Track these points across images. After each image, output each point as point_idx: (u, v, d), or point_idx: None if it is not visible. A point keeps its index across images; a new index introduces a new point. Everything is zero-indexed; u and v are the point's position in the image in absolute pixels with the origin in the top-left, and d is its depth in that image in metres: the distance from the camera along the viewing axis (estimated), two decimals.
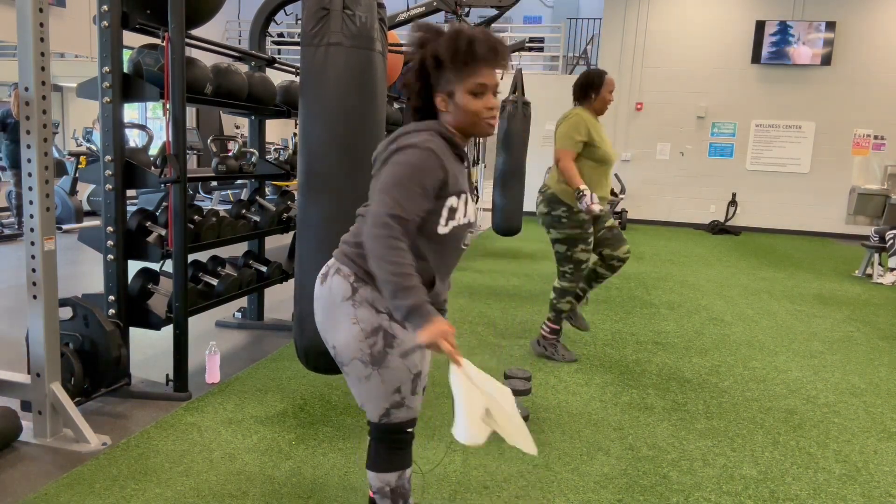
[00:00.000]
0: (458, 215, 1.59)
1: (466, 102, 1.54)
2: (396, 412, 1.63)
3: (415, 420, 1.68)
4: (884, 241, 6.72)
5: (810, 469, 2.53)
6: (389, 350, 1.58)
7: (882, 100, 10.29)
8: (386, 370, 1.58)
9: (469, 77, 1.52)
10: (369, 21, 2.41)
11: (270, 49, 11.46)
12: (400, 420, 1.64)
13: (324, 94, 2.41)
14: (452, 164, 1.56)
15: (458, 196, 1.58)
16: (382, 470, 1.66)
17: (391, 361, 1.58)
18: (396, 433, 1.65)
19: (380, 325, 1.57)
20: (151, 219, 3.01)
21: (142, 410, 2.79)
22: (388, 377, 1.59)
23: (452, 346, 1.44)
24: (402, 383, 1.61)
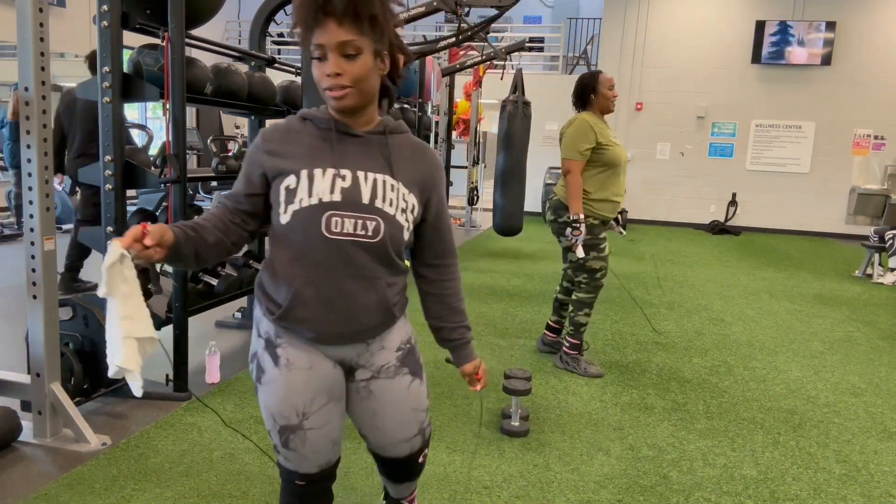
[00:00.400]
0: (299, 196, 1.28)
1: (312, 72, 1.28)
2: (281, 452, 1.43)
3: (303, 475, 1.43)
4: (884, 241, 6.72)
5: (810, 469, 2.53)
6: (258, 384, 1.41)
7: (882, 100, 10.29)
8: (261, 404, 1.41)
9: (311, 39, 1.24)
10: None
11: (270, 49, 11.47)
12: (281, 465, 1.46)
13: None
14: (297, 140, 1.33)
15: (298, 174, 1.29)
16: None
17: (260, 396, 1.41)
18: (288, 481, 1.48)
19: (256, 352, 1.42)
20: (151, 219, 3.01)
21: (142, 410, 2.79)
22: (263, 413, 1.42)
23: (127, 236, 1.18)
24: (271, 427, 1.41)
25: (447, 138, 7.34)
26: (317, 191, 1.28)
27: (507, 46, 7.19)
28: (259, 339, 1.40)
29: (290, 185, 1.28)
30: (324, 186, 1.28)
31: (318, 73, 1.27)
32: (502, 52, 6.81)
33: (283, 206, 1.28)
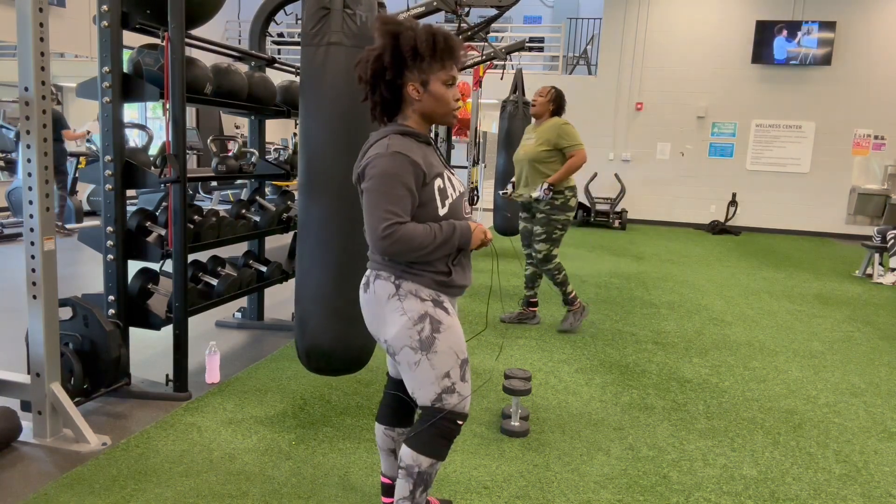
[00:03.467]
0: (448, 192, 1.71)
1: (442, 91, 1.69)
2: (448, 398, 1.70)
3: (466, 416, 1.74)
4: (884, 241, 6.71)
5: (810, 469, 2.53)
6: (437, 335, 1.67)
7: (882, 100, 10.29)
8: (434, 354, 1.67)
9: (444, 69, 1.67)
10: (370, 20, 2.41)
11: (270, 49, 11.47)
12: (452, 407, 1.70)
13: (324, 93, 2.41)
14: (421, 152, 1.67)
15: (440, 177, 1.70)
16: (421, 451, 1.72)
17: (438, 345, 1.67)
18: (447, 421, 1.71)
19: (426, 312, 1.68)
20: (151, 219, 3.01)
21: (142, 410, 2.79)
22: (437, 361, 1.68)
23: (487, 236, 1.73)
24: (451, 368, 1.69)
25: (447, 138, 7.34)
26: (454, 186, 1.75)
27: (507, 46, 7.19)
28: (424, 302, 1.69)
29: (440, 185, 1.69)
30: (454, 183, 1.76)
31: (450, 95, 1.71)
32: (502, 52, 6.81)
33: (440, 201, 1.69)
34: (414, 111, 1.71)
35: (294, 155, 4.02)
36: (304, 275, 2.52)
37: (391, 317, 1.69)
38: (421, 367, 1.67)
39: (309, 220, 2.50)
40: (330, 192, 2.46)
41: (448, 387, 1.70)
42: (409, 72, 1.66)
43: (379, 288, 1.71)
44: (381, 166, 1.61)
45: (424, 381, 1.69)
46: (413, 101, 1.69)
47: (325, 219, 2.47)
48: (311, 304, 2.52)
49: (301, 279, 2.54)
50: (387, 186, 1.60)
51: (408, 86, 1.67)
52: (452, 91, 1.71)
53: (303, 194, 2.51)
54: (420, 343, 1.67)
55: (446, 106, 1.71)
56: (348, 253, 2.50)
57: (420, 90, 1.68)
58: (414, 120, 1.72)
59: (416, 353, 1.67)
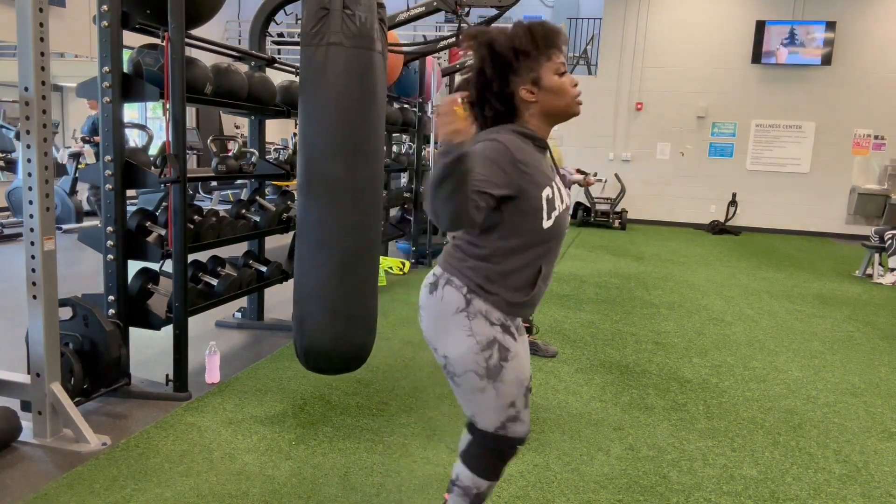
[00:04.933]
0: (556, 204, 1.57)
1: (557, 83, 1.55)
2: (513, 426, 1.61)
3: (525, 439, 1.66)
4: (884, 241, 6.71)
5: (810, 469, 2.53)
6: (504, 364, 1.56)
7: (882, 100, 10.29)
8: (501, 384, 1.56)
9: (552, 59, 1.54)
10: (369, 21, 2.41)
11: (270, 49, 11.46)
12: (515, 434, 1.62)
13: (324, 94, 2.41)
14: (531, 155, 1.53)
15: (549, 185, 1.55)
16: (482, 475, 1.66)
17: (506, 375, 1.56)
18: (509, 447, 1.64)
19: (494, 338, 1.55)
20: (151, 219, 3.01)
21: (142, 410, 2.79)
22: (504, 391, 1.57)
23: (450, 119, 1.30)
24: (517, 397, 1.60)
25: None
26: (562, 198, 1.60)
27: None
28: (493, 327, 1.56)
29: (548, 195, 1.54)
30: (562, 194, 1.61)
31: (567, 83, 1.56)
32: None
33: (547, 213, 1.53)
34: (532, 115, 1.57)
35: (294, 155, 4.02)
36: (303, 274, 2.52)
37: (456, 334, 1.56)
38: (486, 394, 1.57)
39: (308, 219, 2.50)
40: (329, 193, 2.46)
41: (513, 416, 1.60)
42: (516, 76, 1.54)
43: (448, 296, 1.57)
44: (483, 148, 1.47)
45: (488, 409, 1.59)
46: (529, 105, 1.56)
47: (323, 219, 2.47)
48: (309, 303, 2.52)
49: (300, 279, 2.54)
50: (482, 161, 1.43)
51: (519, 91, 1.54)
52: (568, 78, 1.57)
53: (302, 194, 2.51)
54: (487, 371, 1.55)
55: (566, 96, 1.56)
56: (347, 253, 2.50)
57: (534, 90, 1.54)
58: (534, 124, 1.58)
59: (481, 380, 1.56)
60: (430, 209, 1.37)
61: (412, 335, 4.00)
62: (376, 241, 2.65)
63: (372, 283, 2.64)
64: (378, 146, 2.56)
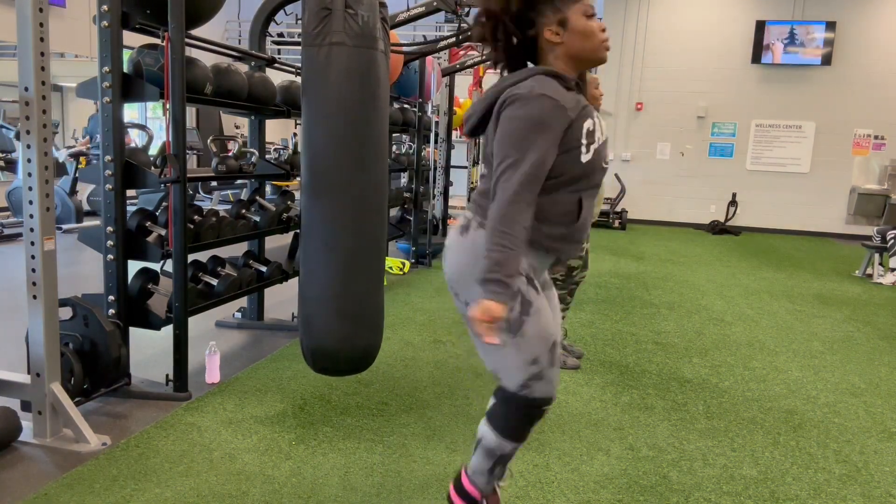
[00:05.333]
0: (596, 135, 1.50)
1: (586, 25, 1.48)
2: (536, 384, 1.53)
3: (552, 399, 1.58)
4: (885, 241, 6.71)
5: (810, 469, 2.53)
6: (525, 317, 1.49)
7: (882, 100, 10.29)
8: (522, 339, 1.50)
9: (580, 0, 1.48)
10: (371, 20, 2.41)
11: (270, 49, 11.45)
12: (540, 395, 1.55)
13: (326, 93, 2.41)
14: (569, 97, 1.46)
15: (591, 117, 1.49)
16: (505, 436, 1.60)
17: (528, 329, 1.50)
18: (534, 408, 1.57)
19: (518, 290, 1.48)
20: (151, 219, 3.01)
21: (142, 410, 2.79)
22: (525, 346, 1.50)
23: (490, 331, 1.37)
24: (540, 354, 1.52)
25: (447, 138, 7.33)
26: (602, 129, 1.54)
27: None
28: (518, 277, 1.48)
29: (590, 127, 1.48)
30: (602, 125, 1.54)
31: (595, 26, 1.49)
32: None
33: (586, 146, 1.47)
34: (557, 57, 1.49)
35: (294, 155, 4.02)
36: (309, 275, 2.52)
37: None
38: (507, 349, 1.50)
39: (312, 220, 2.50)
40: (333, 192, 2.46)
41: (536, 373, 1.52)
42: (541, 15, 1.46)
43: (480, 239, 1.48)
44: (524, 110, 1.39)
45: (510, 366, 1.52)
46: (554, 47, 1.48)
47: (328, 219, 2.47)
48: (315, 304, 2.52)
49: (305, 279, 2.54)
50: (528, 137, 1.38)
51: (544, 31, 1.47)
52: (596, 22, 1.50)
53: (306, 195, 2.51)
54: (508, 324, 1.47)
55: (595, 39, 1.49)
56: (353, 253, 2.49)
57: (560, 31, 1.47)
58: (560, 65, 1.50)
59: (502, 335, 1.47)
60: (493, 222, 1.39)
61: (412, 335, 4.00)
62: (382, 240, 2.65)
63: (378, 284, 2.64)
64: (382, 145, 2.56)
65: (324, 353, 2.53)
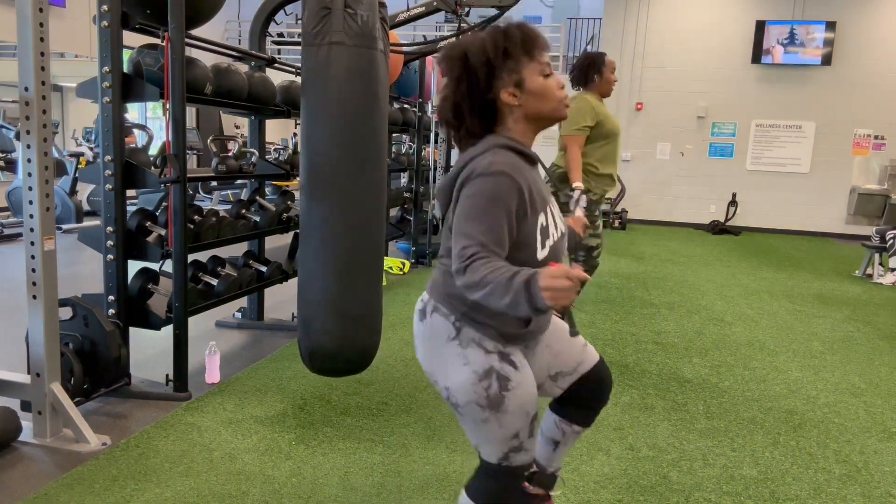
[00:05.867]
0: (550, 231, 1.48)
1: (543, 84, 1.46)
2: (516, 456, 1.54)
3: (530, 466, 1.59)
4: (884, 241, 6.71)
5: (810, 469, 2.53)
6: (505, 393, 1.48)
7: (882, 100, 10.29)
8: (503, 415, 1.49)
9: (534, 59, 1.46)
10: (371, 20, 2.41)
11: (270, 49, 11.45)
12: (519, 464, 1.56)
13: (326, 93, 2.41)
14: (527, 174, 1.45)
15: (545, 211, 1.47)
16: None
17: (508, 405, 1.49)
18: (513, 477, 1.58)
19: (491, 367, 1.48)
20: (151, 219, 3.01)
21: (142, 410, 2.79)
22: (506, 421, 1.50)
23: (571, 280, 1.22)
24: (521, 428, 1.52)
25: (447, 138, 7.34)
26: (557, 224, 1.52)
27: None
28: (490, 355, 1.49)
29: (543, 222, 1.45)
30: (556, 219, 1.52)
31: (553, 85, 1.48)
32: None
33: (541, 242, 1.45)
34: (516, 120, 1.48)
35: (294, 155, 4.02)
36: (308, 276, 2.52)
37: (452, 363, 1.49)
38: (489, 425, 1.50)
39: (312, 220, 2.50)
40: (333, 193, 2.46)
41: (516, 446, 1.53)
42: (497, 79, 1.45)
43: (437, 324, 1.51)
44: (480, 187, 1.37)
45: (491, 440, 1.53)
46: (513, 109, 1.47)
47: (328, 219, 2.47)
48: (314, 305, 2.52)
49: (304, 280, 2.54)
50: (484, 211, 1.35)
51: (501, 95, 1.45)
52: (553, 80, 1.48)
53: (305, 195, 2.51)
54: (488, 401, 1.48)
55: (552, 98, 1.47)
56: (352, 253, 2.50)
57: (517, 93, 1.45)
58: (519, 130, 1.49)
59: (483, 411, 1.48)
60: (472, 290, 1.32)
61: (412, 335, 3.99)
62: (380, 241, 2.65)
63: (376, 284, 2.64)
64: (381, 145, 2.56)
65: (322, 353, 2.53)
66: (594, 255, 3.44)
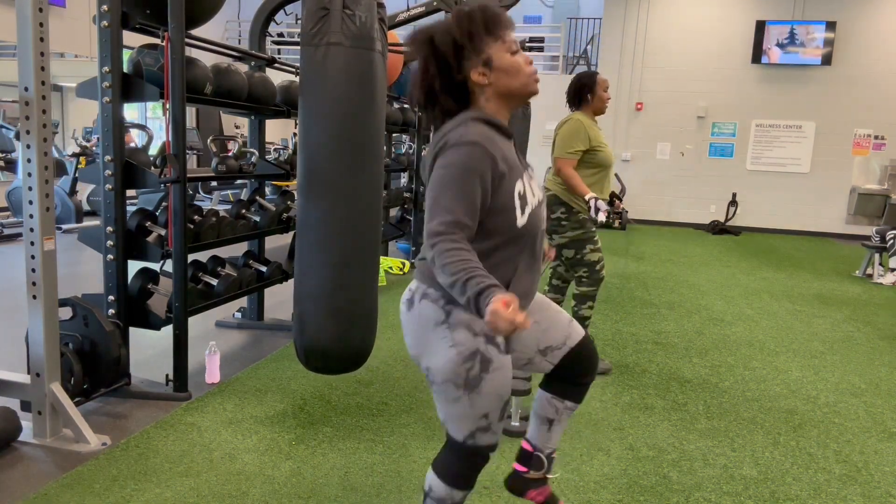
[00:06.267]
0: (528, 198, 1.50)
1: (511, 61, 1.50)
2: (482, 436, 1.56)
3: (496, 446, 1.61)
4: (884, 241, 6.71)
5: (810, 469, 2.53)
6: (484, 375, 1.50)
7: (882, 100, 10.29)
8: (477, 395, 1.51)
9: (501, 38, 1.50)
10: (369, 21, 2.41)
11: (270, 49, 11.46)
12: (485, 444, 1.58)
13: (324, 94, 2.41)
14: (501, 145, 1.47)
15: (521, 178, 1.50)
16: (453, 485, 1.62)
17: (484, 387, 1.51)
18: (478, 456, 1.60)
19: (477, 349, 1.49)
20: (151, 219, 3.01)
21: (142, 410, 2.79)
22: (479, 402, 1.52)
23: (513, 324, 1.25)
24: (492, 410, 1.54)
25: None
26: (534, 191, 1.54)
27: None
28: (477, 338, 1.50)
29: (520, 190, 1.48)
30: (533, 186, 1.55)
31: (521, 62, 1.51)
32: None
33: (520, 209, 1.47)
34: (488, 99, 1.51)
35: (294, 155, 4.02)
36: (303, 274, 2.52)
37: (437, 345, 1.51)
38: (460, 404, 1.52)
39: (308, 219, 2.50)
40: (329, 192, 2.46)
41: (484, 426, 1.55)
42: (466, 60, 1.48)
43: (425, 310, 1.52)
44: (453, 157, 1.40)
45: (460, 418, 1.54)
46: (484, 88, 1.50)
47: (323, 219, 2.47)
48: (309, 303, 2.52)
49: (300, 279, 2.54)
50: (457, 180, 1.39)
51: (472, 74, 1.48)
52: (521, 56, 1.51)
53: (302, 194, 2.51)
54: (466, 382, 1.50)
55: (521, 74, 1.51)
56: (347, 253, 2.50)
57: (486, 72, 1.48)
58: (491, 107, 1.52)
59: (458, 390, 1.50)
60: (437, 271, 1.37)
61: None
62: (376, 241, 2.65)
63: (372, 283, 2.64)
64: (378, 146, 2.56)
65: (317, 351, 2.53)
66: (597, 269, 3.43)
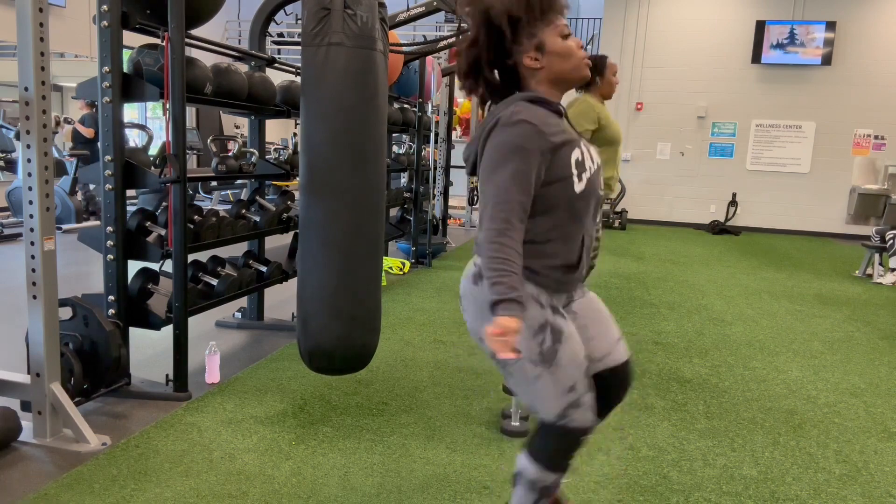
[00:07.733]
0: (586, 164, 1.50)
1: (563, 45, 1.50)
2: (574, 412, 1.52)
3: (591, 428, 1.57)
4: (884, 241, 6.71)
5: (810, 469, 2.53)
6: (559, 345, 1.49)
7: (882, 100, 10.29)
8: (558, 368, 1.49)
9: (554, 21, 1.49)
10: (370, 21, 2.41)
11: (270, 49, 11.45)
12: (579, 424, 1.54)
13: (325, 93, 2.41)
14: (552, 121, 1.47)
15: (579, 146, 1.50)
16: (548, 468, 1.58)
17: (562, 357, 1.49)
18: (574, 437, 1.56)
19: (546, 321, 1.49)
20: (151, 219, 3.01)
21: (142, 410, 2.79)
22: (561, 375, 1.50)
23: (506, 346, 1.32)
24: (576, 380, 1.51)
25: (447, 138, 7.34)
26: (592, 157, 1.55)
27: None
28: (544, 310, 1.50)
29: (578, 157, 1.48)
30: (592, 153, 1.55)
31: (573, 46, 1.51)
32: None
33: (577, 175, 1.47)
34: (539, 82, 1.52)
35: (294, 155, 4.02)
36: (307, 275, 2.52)
37: None
38: (542, 381, 1.49)
39: (310, 220, 2.50)
40: (332, 193, 2.46)
41: (574, 401, 1.51)
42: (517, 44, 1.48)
43: None
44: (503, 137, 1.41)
45: (547, 396, 1.50)
46: (535, 72, 1.50)
47: (326, 219, 2.47)
48: (313, 304, 2.52)
49: (303, 279, 2.54)
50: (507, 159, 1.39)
51: (523, 59, 1.49)
52: (573, 41, 1.51)
53: (304, 194, 2.51)
54: (541, 356, 1.47)
55: (574, 58, 1.50)
56: (350, 253, 2.50)
57: (539, 56, 1.49)
58: (543, 90, 1.52)
59: (535, 367, 1.48)
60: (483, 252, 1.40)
61: (412, 335, 4.00)
62: (379, 241, 2.65)
63: (375, 284, 2.64)
64: (380, 146, 2.56)
65: (320, 352, 2.53)
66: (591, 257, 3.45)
